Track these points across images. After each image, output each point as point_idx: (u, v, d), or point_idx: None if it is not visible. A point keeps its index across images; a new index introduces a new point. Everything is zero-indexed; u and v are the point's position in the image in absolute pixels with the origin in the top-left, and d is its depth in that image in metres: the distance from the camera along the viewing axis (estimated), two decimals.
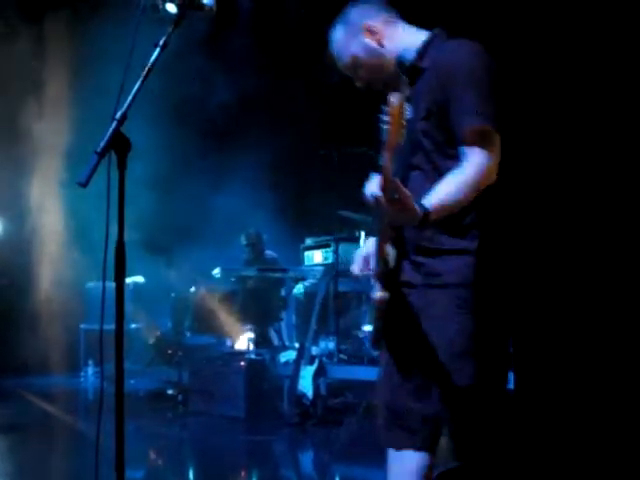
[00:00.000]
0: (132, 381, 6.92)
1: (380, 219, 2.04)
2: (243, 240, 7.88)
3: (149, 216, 7.26)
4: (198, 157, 8.51)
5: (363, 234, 7.00)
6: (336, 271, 6.59)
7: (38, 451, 5.05)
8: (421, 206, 1.91)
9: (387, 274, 2.11)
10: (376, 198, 1.83)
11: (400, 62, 2.21)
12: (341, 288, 6.68)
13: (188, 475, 4.78)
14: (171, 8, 2.21)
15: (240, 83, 7.93)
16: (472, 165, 2.01)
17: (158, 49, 2.14)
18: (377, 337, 2.22)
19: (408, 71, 2.18)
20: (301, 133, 8.45)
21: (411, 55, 2.19)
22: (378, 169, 1.82)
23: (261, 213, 8.06)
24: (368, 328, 5.22)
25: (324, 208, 7.42)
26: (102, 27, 6.88)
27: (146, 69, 2.10)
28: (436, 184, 2.00)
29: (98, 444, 2.14)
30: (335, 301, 6.58)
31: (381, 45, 2.23)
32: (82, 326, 8.41)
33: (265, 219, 8.03)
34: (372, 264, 2.19)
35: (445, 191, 1.98)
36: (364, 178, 2.13)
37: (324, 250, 7.62)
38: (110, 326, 2.02)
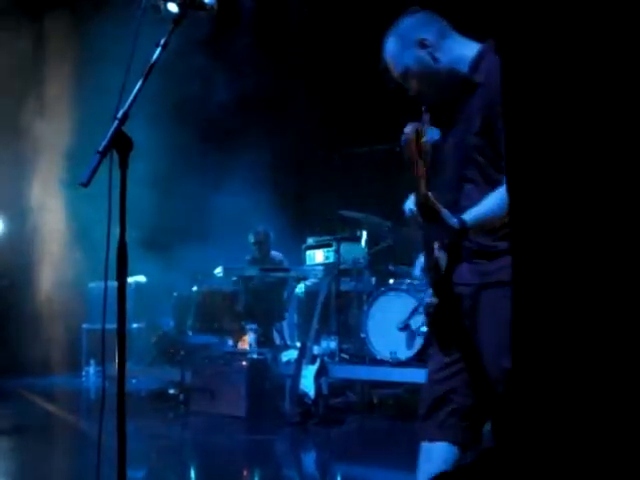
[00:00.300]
0: (134, 381, 6.92)
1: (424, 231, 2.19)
2: (251, 238, 7.74)
3: (151, 215, 7.24)
4: (199, 156, 8.51)
5: (365, 233, 7.01)
6: (338, 270, 6.60)
7: (40, 451, 5.05)
8: (460, 219, 2.03)
9: (439, 280, 2.22)
10: (413, 213, 2.02)
11: (453, 75, 2.24)
12: (343, 287, 6.69)
13: (189, 475, 4.78)
14: (172, 7, 2.21)
15: (240, 83, 7.92)
16: None
17: (159, 48, 2.14)
18: (431, 338, 2.33)
19: (461, 84, 2.22)
20: (301, 133, 8.45)
21: (464, 68, 2.22)
22: (414, 188, 2.01)
23: (262, 212, 8.04)
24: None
25: (325, 207, 7.41)
26: (103, 27, 6.88)
27: (147, 68, 2.10)
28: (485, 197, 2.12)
29: (100, 444, 2.15)
30: (337, 300, 6.58)
31: (434, 58, 2.24)
32: (84, 326, 8.40)
33: (266, 218, 8.00)
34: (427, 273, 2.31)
35: (487, 206, 2.08)
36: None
37: (325, 249, 7.61)
38: (112, 326, 2.02)
